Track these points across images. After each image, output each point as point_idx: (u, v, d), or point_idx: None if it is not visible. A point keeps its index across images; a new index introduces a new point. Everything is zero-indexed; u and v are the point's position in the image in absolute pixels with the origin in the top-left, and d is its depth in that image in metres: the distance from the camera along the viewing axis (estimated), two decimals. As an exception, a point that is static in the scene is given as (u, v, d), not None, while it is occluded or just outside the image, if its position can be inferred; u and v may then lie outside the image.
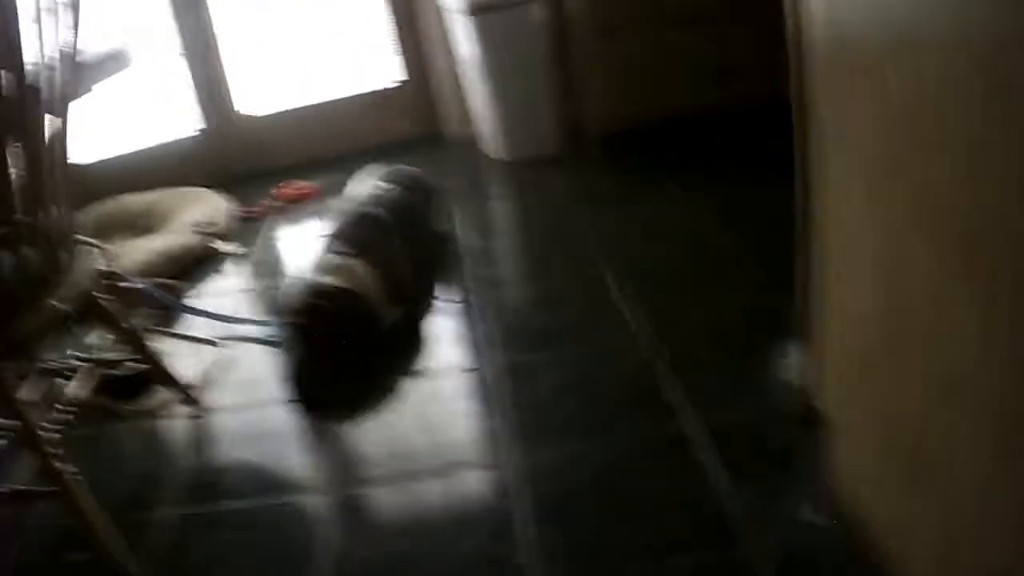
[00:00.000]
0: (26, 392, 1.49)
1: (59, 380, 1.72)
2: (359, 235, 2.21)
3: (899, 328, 1.09)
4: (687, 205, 2.61)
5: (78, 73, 1.62)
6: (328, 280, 2.02)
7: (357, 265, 2.07)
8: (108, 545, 1.46)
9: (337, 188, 3.30)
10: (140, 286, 2.34)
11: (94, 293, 1.61)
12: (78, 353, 1.91)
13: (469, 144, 3.56)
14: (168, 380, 1.89)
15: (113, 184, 3.27)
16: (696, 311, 2.01)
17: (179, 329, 2.35)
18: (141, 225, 3.00)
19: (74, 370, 1.77)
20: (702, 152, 3.00)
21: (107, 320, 1.70)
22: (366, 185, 2.58)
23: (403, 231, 2.35)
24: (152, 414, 1.96)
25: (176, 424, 1.93)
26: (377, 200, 2.43)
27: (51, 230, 1.45)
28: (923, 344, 1.02)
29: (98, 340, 2.04)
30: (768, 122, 2.72)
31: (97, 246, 1.73)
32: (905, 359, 1.08)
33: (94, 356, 1.83)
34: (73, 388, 1.68)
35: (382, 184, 2.53)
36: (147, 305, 2.39)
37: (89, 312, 1.65)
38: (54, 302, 1.41)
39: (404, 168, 2.75)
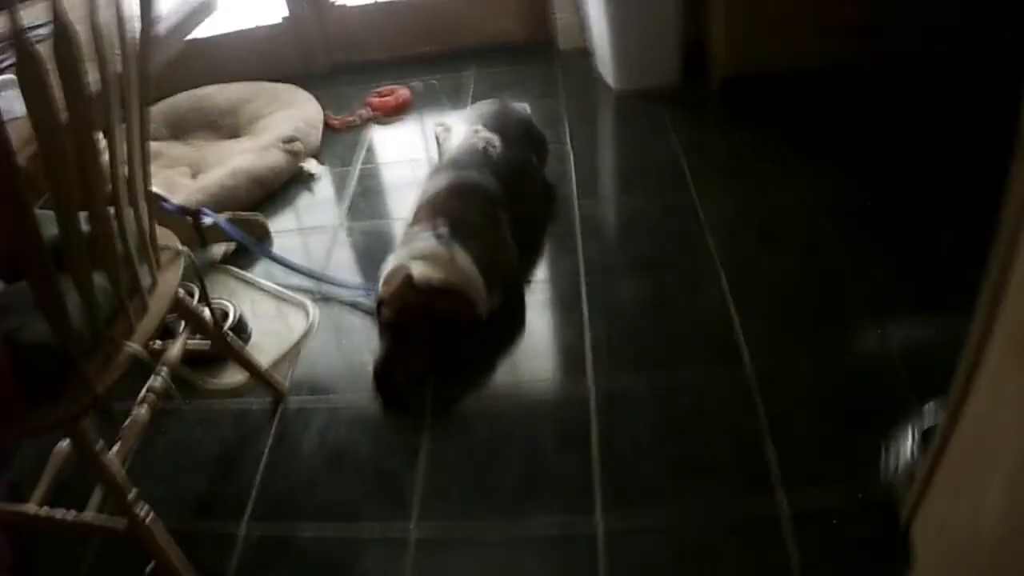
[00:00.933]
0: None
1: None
2: (463, 213, 2.00)
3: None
4: (812, 196, 2.28)
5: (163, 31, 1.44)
6: (426, 271, 1.84)
7: (459, 253, 1.89)
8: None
9: (435, 95, 3.10)
10: (220, 223, 2.21)
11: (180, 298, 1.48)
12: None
13: (581, 59, 3.27)
14: (249, 366, 1.78)
15: (190, 72, 3.06)
16: (809, 356, 1.79)
17: (260, 276, 2.23)
18: (225, 125, 2.81)
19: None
20: (838, 120, 2.62)
21: (189, 318, 1.57)
22: (471, 131, 2.34)
23: (510, 199, 2.14)
24: (230, 393, 1.87)
25: (254, 411, 1.83)
26: (484, 158, 2.21)
27: (127, 242, 1.24)
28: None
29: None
30: (927, 95, 2.41)
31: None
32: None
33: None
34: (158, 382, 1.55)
35: (491, 135, 2.29)
36: (227, 240, 2.27)
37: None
38: (133, 344, 1.27)
39: (514, 109, 2.50)
